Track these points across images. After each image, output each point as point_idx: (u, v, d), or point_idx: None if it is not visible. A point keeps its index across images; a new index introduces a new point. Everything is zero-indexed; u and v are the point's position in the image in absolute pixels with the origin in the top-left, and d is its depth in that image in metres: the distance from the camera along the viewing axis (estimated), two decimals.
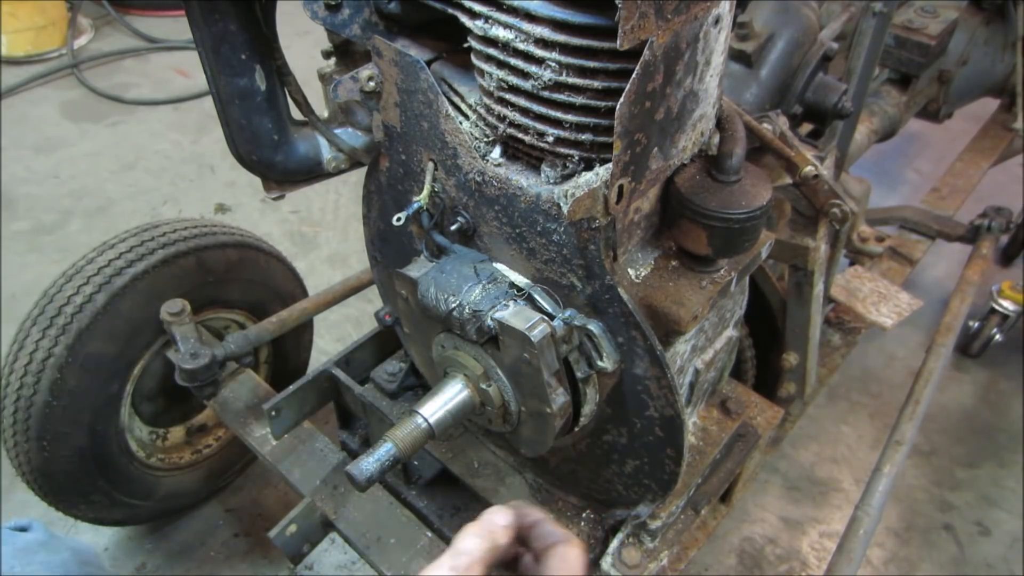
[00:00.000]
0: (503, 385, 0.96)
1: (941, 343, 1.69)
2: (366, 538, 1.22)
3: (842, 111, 1.38)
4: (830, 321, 1.87)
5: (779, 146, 1.17)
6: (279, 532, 1.25)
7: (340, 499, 1.28)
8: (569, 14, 0.73)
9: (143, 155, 3.00)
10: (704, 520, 1.37)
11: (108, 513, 1.53)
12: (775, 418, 1.30)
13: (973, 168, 2.29)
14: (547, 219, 0.86)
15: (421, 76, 0.90)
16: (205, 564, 1.72)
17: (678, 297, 0.94)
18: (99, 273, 1.34)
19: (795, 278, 1.44)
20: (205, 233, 1.46)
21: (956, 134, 3.01)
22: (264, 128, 1.13)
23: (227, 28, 1.01)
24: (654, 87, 0.77)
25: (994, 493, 1.96)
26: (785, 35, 1.35)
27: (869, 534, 1.32)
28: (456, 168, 0.94)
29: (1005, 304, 2.19)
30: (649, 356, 0.92)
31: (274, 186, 1.22)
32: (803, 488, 1.95)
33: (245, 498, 1.84)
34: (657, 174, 0.89)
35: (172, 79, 3.50)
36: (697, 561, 1.76)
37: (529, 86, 0.79)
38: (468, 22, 0.81)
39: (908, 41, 1.87)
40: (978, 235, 2.11)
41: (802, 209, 1.33)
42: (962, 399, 2.21)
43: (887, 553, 1.82)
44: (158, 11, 3.91)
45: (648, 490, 1.11)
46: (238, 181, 2.85)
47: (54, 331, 1.31)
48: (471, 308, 0.91)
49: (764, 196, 0.91)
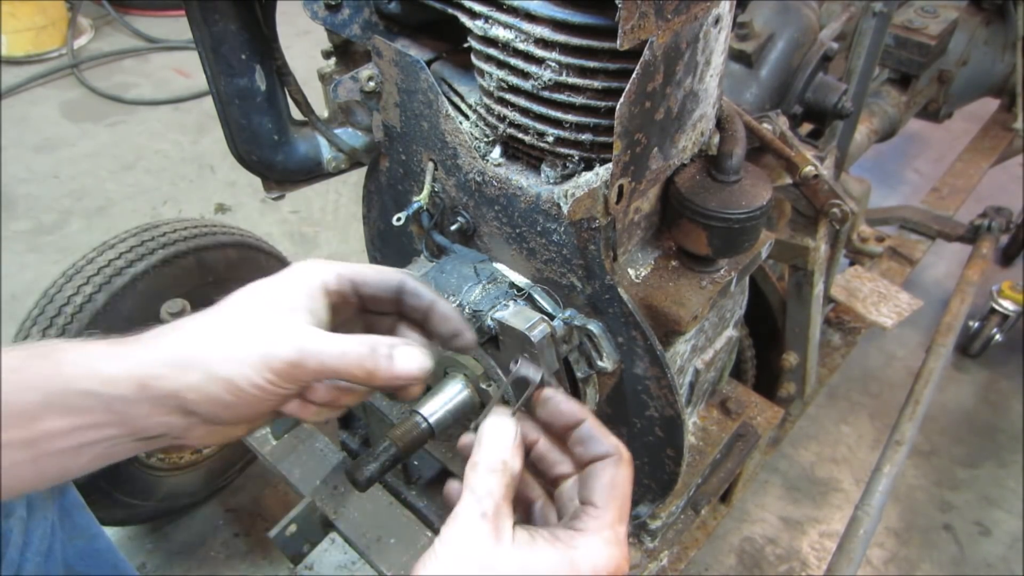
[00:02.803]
0: (503, 385, 0.96)
1: (941, 343, 1.69)
2: (366, 538, 1.22)
3: (842, 111, 1.38)
4: (830, 321, 1.87)
5: (779, 146, 1.17)
6: (279, 532, 1.25)
7: (340, 499, 1.28)
8: (569, 14, 0.73)
9: (143, 155, 3.00)
10: (704, 520, 1.37)
11: (108, 513, 1.53)
12: (775, 418, 1.30)
13: (973, 168, 2.29)
14: (547, 219, 0.86)
15: (421, 76, 0.90)
16: (205, 564, 1.72)
17: (678, 297, 0.94)
18: (99, 273, 1.34)
19: (795, 278, 1.44)
20: (205, 233, 1.46)
21: (956, 134, 3.01)
22: (264, 128, 1.13)
23: (227, 28, 1.01)
24: (654, 87, 0.77)
25: (994, 493, 1.96)
26: (785, 35, 1.35)
27: (869, 534, 1.32)
28: (456, 168, 0.94)
29: (1005, 304, 2.19)
30: (649, 356, 0.92)
31: (274, 186, 1.22)
32: (803, 488, 1.95)
33: (245, 498, 1.84)
34: (657, 174, 0.89)
35: (172, 79, 3.50)
36: (697, 561, 1.76)
37: (529, 86, 0.79)
38: (468, 22, 0.81)
39: (908, 41, 1.87)
40: (978, 235, 2.11)
41: (802, 209, 1.33)
42: (962, 399, 2.21)
43: (887, 553, 1.82)
44: (158, 11, 3.91)
45: (648, 490, 1.11)
46: (238, 181, 2.85)
47: (54, 331, 1.30)
48: (471, 308, 0.91)
49: (764, 196, 0.91)
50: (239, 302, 0.68)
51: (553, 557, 0.59)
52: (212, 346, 0.64)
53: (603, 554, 0.60)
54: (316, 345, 0.65)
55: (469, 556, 0.57)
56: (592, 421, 0.66)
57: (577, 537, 0.60)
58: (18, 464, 0.64)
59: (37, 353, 0.65)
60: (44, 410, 0.63)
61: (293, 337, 0.64)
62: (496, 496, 0.60)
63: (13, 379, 0.63)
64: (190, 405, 0.64)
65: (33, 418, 0.63)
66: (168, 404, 0.64)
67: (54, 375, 0.64)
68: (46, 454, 0.65)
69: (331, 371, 0.65)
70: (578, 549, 0.59)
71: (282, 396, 0.66)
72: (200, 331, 0.66)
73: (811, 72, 1.36)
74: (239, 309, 0.67)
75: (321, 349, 0.64)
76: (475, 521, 0.59)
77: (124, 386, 0.64)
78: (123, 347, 0.66)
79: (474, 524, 0.59)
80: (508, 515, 0.60)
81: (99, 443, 0.66)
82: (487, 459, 0.62)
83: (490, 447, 0.63)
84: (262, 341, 0.64)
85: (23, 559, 0.83)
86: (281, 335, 0.64)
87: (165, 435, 0.67)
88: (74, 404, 0.64)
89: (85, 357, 0.65)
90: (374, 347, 0.66)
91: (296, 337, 0.65)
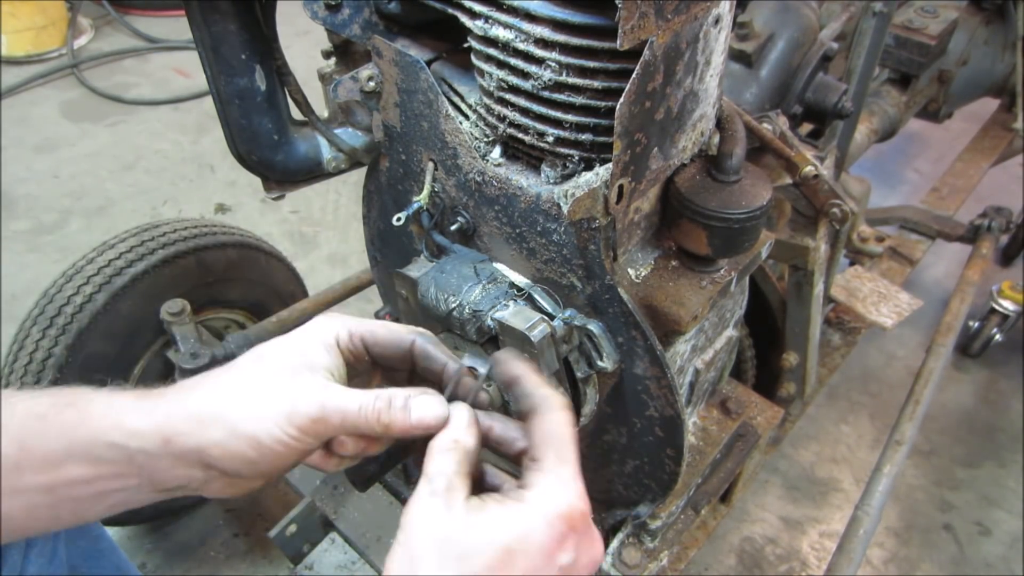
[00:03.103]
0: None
1: (941, 343, 1.69)
2: (366, 538, 1.22)
3: (842, 111, 1.38)
4: (830, 321, 1.87)
5: (779, 146, 1.17)
6: (279, 532, 1.25)
7: (340, 499, 1.28)
8: (569, 14, 0.73)
9: (143, 155, 3.00)
10: (704, 520, 1.37)
11: None
12: (775, 418, 1.30)
13: (973, 168, 2.29)
14: (547, 219, 0.86)
15: (421, 76, 0.90)
16: (205, 564, 1.72)
17: (678, 297, 0.94)
18: (99, 273, 1.34)
19: (795, 278, 1.44)
20: (205, 233, 1.46)
21: (956, 134, 3.01)
22: (264, 128, 1.13)
23: (227, 28, 1.01)
24: (654, 87, 0.77)
25: (994, 493, 1.96)
26: (785, 35, 1.35)
27: (869, 534, 1.32)
28: (456, 168, 0.94)
29: (1005, 304, 2.19)
30: (649, 356, 0.92)
31: (274, 186, 1.22)
32: (803, 488, 1.95)
33: (245, 498, 1.84)
34: (657, 174, 0.89)
35: (172, 79, 3.50)
36: (697, 561, 1.76)
37: (529, 86, 0.79)
38: (468, 22, 0.81)
39: (908, 41, 1.87)
40: (978, 235, 2.11)
41: (802, 209, 1.33)
42: (962, 399, 2.21)
43: (887, 553, 1.82)
44: (158, 11, 3.91)
45: (648, 490, 1.11)
46: (238, 181, 2.85)
47: (54, 331, 1.30)
48: (471, 308, 0.91)
49: (764, 196, 0.91)
50: (260, 359, 0.70)
51: (501, 513, 0.60)
52: (236, 403, 0.66)
53: (550, 501, 0.61)
54: (337, 402, 0.66)
55: (423, 531, 0.59)
56: (526, 378, 0.67)
57: (524, 493, 0.61)
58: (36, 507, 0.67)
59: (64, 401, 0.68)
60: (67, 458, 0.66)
61: (315, 394, 0.66)
62: (447, 473, 0.62)
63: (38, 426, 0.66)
64: (213, 461, 0.66)
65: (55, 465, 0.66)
66: (190, 459, 0.67)
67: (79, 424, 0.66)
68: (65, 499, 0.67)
69: (351, 426, 0.67)
70: (526, 502, 0.60)
71: (304, 451, 0.68)
72: (223, 388, 0.68)
73: (811, 72, 1.36)
74: (260, 367, 0.69)
75: (341, 405, 0.66)
76: (425, 499, 0.61)
77: (149, 440, 0.66)
78: (149, 401, 0.68)
79: (424, 502, 0.61)
80: (460, 487, 0.62)
81: (118, 492, 0.68)
82: (438, 441, 0.65)
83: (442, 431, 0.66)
84: (285, 398, 0.66)
85: (26, 561, 0.83)
86: (303, 392, 0.66)
87: (184, 487, 0.70)
88: (98, 455, 0.66)
89: (111, 408, 0.67)
90: (390, 400, 0.68)
91: (318, 394, 0.66)
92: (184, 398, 0.68)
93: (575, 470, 0.64)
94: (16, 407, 0.66)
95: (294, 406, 0.66)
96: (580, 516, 0.61)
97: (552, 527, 0.60)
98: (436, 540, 0.59)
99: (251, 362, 0.70)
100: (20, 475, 0.65)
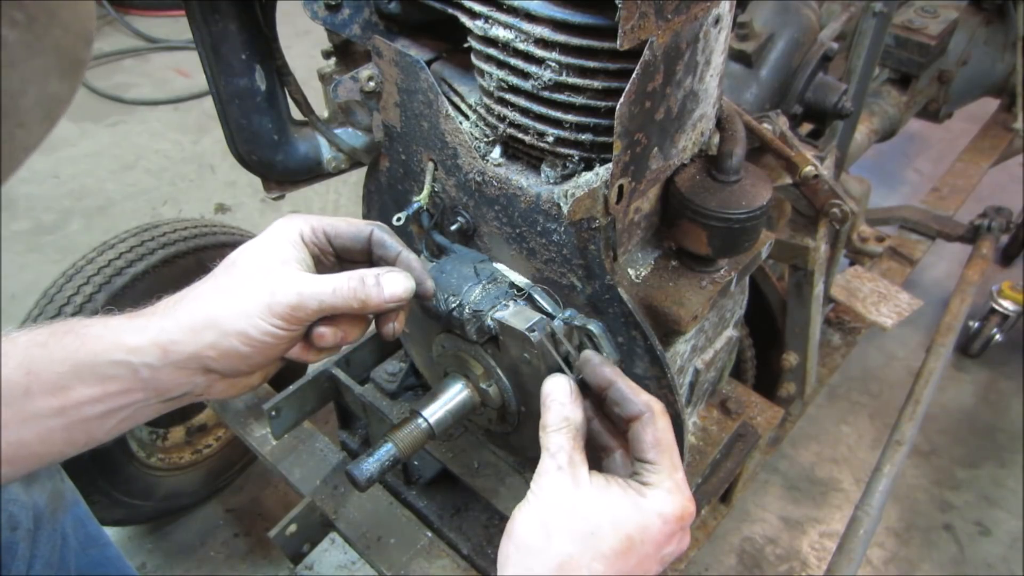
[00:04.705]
0: (503, 385, 0.96)
1: (941, 343, 1.69)
2: (366, 538, 1.22)
3: (842, 111, 1.38)
4: (830, 321, 1.88)
5: (779, 146, 1.17)
6: (279, 532, 1.25)
7: (340, 499, 1.28)
8: (569, 14, 0.73)
9: (143, 155, 3.00)
10: (704, 520, 1.37)
11: (108, 513, 1.53)
12: (775, 418, 1.30)
13: (973, 168, 2.29)
14: (547, 219, 0.86)
15: (421, 76, 0.90)
16: (205, 564, 1.72)
17: (678, 297, 0.94)
18: (99, 273, 1.34)
19: (795, 278, 1.44)
20: (205, 233, 1.46)
21: (956, 134, 3.01)
22: (264, 128, 1.13)
23: (227, 28, 1.01)
24: (654, 87, 0.77)
25: (994, 493, 1.96)
26: (785, 35, 1.35)
27: (869, 534, 1.32)
28: (456, 168, 0.94)
29: (1005, 304, 2.19)
30: (649, 356, 0.92)
31: (274, 186, 1.22)
32: (803, 488, 1.95)
33: (245, 498, 1.84)
34: (657, 174, 0.89)
35: (172, 79, 3.50)
36: (697, 561, 1.76)
37: (529, 86, 0.79)
38: (468, 22, 0.81)
39: (908, 41, 1.87)
40: (978, 235, 2.11)
41: (802, 209, 1.33)
42: (962, 399, 2.21)
43: (887, 553, 1.83)
44: (158, 11, 3.91)
45: None
46: (238, 181, 2.85)
47: None
48: (471, 308, 0.91)
49: (764, 196, 0.91)
50: (233, 264, 0.76)
51: (625, 502, 0.68)
52: (221, 306, 0.72)
53: (668, 502, 0.68)
54: (312, 288, 0.73)
55: (554, 501, 0.68)
56: (622, 383, 0.73)
57: (644, 489, 0.69)
58: (51, 431, 0.71)
59: (62, 329, 0.72)
60: (75, 380, 0.70)
61: (290, 284, 0.73)
62: (567, 448, 0.70)
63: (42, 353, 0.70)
64: (210, 363, 0.72)
65: (64, 388, 0.70)
66: (191, 365, 0.72)
67: (80, 347, 0.71)
68: (76, 421, 0.72)
69: (329, 307, 0.74)
70: (647, 498, 0.68)
71: (290, 338, 0.75)
72: (207, 296, 0.74)
73: (811, 72, 1.36)
74: (236, 270, 0.75)
75: (316, 290, 0.73)
76: (553, 473, 0.69)
77: (149, 354, 0.71)
78: (141, 319, 0.73)
79: (553, 475, 0.69)
80: (581, 462, 0.70)
81: (126, 408, 0.73)
82: (551, 420, 0.72)
83: (550, 408, 0.73)
84: (264, 292, 0.72)
85: (30, 571, 0.84)
86: (279, 284, 0.73)
87: (188, 393, 0.75)
88: (103, 373, 0.71)
89: (108, 330, 0.72)
90: (362, 278, 0.75)
91: (293, 283, 0.73)
92: (174, 311, 0.74)
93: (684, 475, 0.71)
94: (17, 339, 0.71)
95: (273, 297, 0.72)
96: (690, 517, 0.70)
97: (667, 524, 0.68)
98: (569, 516, 0.67)
99: (226, 268, 0.76)
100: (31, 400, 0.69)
